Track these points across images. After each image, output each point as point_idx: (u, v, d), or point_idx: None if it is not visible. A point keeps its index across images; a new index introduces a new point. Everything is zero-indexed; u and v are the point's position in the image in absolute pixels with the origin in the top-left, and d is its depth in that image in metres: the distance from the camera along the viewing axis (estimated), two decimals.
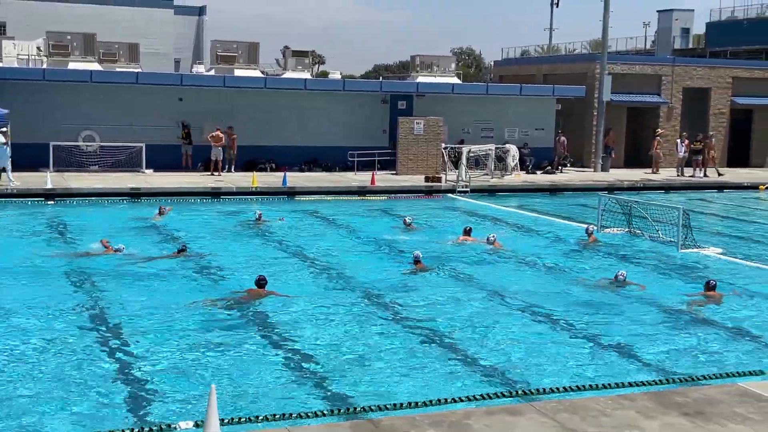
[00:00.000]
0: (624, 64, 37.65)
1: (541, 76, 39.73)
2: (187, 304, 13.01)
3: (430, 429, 7.35)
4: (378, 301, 13.67)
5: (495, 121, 34.74)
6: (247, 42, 34.71)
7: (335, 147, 31.97)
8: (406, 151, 30.87)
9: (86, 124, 29.28)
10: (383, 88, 33.90)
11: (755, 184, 32.47)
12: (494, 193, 28.78)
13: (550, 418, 7.70)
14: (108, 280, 14.66)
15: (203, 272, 15.59)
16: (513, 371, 10.37)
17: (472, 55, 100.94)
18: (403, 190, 28.01)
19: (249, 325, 12.23)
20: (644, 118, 37.76)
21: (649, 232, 20.25)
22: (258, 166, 30.56)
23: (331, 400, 9.28)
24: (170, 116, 30.22)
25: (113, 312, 12.66)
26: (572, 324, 12.59)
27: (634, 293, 14.56)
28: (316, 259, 17.03)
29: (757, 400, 8.32)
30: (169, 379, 9.80)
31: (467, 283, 15.20)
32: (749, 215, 26.12)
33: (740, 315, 13.31)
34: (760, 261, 18.04)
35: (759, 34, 58.67)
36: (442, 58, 37.64)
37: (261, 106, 31.53)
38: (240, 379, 9.82)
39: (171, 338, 11.36)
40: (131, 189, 25.24)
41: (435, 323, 12.41)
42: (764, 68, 40.41)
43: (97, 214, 22.42)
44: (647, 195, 28.05)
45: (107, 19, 44.19)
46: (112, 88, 29.77)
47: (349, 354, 10.94)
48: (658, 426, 7.59)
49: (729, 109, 38.55)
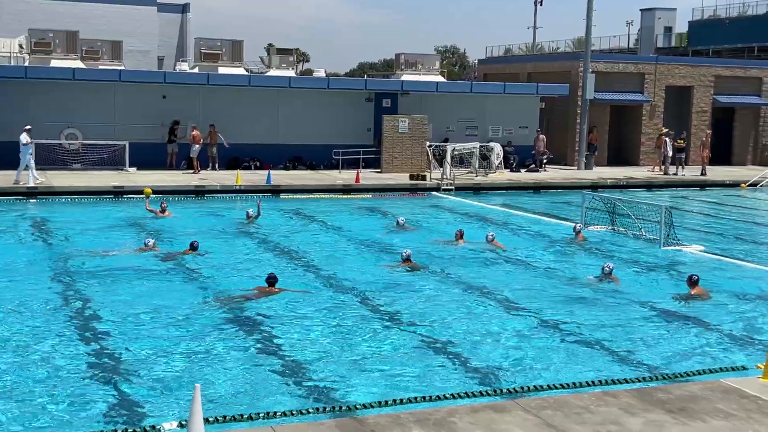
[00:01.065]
0: (607, 63, 37.83)
1: (525, 74, 39.85)
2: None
3: (414, 427, 7.35)
4: (364, 300, 13.68)
5: (479, 120, 34.81)
6: (231, 40, 34.63)
7: (320, 145, 31.94)
8: (390, 150, 30.88)
9: (69, 122, 29.11)
10: (368, 86, 33.89)
11: (737, 182, 32.70)
12: (479, 191, 28.85)
13: (535, 415, 7.73)
14: (95, 278, 14.60)
15: (193, 271, 15.54)
16: (498, 369, 10.39)
17: (457, 54, 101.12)
18: (387, 188, 28.02)
19: (233, 323, 12.20)
20: (627, 117, 37.93)
21: (632, 230, 20.35)
22: (242, 164, 30.50)
23: (316, 398, 9.27)
24: (154, 114, 30.09)
25: (95, 311, 12.60)
26: (556, 321, 12.64)
27: (616, 291, 14.62)
28: (303, 258, 17.02)
29: (740, 396, 8.38)
30: (152, 378, 9.76)
31: (453, 281, 15.23)
32: (731, 213, 26.29)
33: (722, 311, 13.39)
34: (741, 258, 18.17)
35: (741, 32, 59.03)
36: (426, 57, 37.69)
37: (245, 104, 31.45)
38: (224, 378, 9.79)
39: (154, 338, 11.32)
40: (114, 187, 25.13)
41: (420, 321, 12.42)
42: (746, 67, 40.70)
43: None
44: (630, 193, 28.19)
45: (90, 17, 43.91)
46: (94, 86, 29.61)
47: (334, 352, 10.93)
48: (641, 423, 7.63)
49: (711, 107, 38.80)
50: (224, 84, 31.08)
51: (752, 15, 61.67)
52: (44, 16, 41.09)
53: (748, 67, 40.58)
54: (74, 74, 29.16)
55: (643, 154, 37.70)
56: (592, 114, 35.34)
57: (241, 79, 31.75)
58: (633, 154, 37.93)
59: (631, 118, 37.89)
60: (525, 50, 76.09)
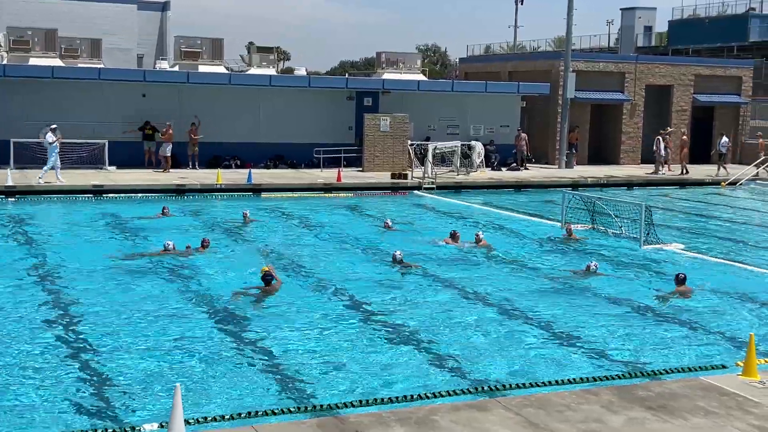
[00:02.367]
0: (588, 62, 37.97)
1: (506, 73, 39.94)
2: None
3: (396, 425, 7.34)
4: (345, 299, 13.65)
5: (460, 118, 34.86)
6: (211, 38, 34.49)
7: (301, 144, 31.87)
8: (372, 148, 30.85)
9: (48, 120, 28.82)
10: (349, 84, 33.83)
11: (717, 181, 32.91)
12: (460, 190, 28.88)
13: (516, 413, 7.74)
14: (80, 279, 14.50)
15: (182, 271, 15.46)
16: (479, 367, 10.39)
17: (438, 52, 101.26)
18: (369, 187, 27.99)
19: (214, 323, 12.14)
20: (607, 116, 38.09)
21: (612, 229, 20.43)
22: (222, 162, 30.37)
23: (298, 397, 9.24)
24: (133, 113, 29.90)
25: (76, 311, 12.51)
26: (537, 320, 12.67)
27: (597, 289, 14.68)
28: (286, 257, 16.97)
29: (720, 393, 8.43)
30: (133, 379, 9.70)
31: (436, 281, 15.22)
32: (711, 211, 26.46)
33: (702, 310, 13.46)
34: (721, 256, 18.28)
35: (720, 32, 59.49)
36: (407, 55, 37.70)
37: (225, 102, 31.31)
38: (205, 379, 9.74)
39: (135, 338, 11.24)
40: (94, 186, 24.95)
41: (402, 320, 12.41)
42: (725, 66, 40.98)
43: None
44: (610, 191, 28.31)
45: (69, 15, 43.58)
46: (74, 85, 29.39)
47: (316, 351, 10.90)
48: (622, 420, 7.66)
49: (691, 106, 39.04)
50: (204, 82, 30.93)
51: (731, 14, 62.19)
52: (23, 14, 40.73)
53: (728, 67, 40.87)
54: (53, 73, 28.93)
55: (623, 153, 37.87)
56: (573, 113, 35.46)
57: (221, 78, 31.62)
58: (613, 153, 38.10)
59: (612, 117, 38.06)
60: (506, 49, 76.31)
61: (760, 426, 7.61)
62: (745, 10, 61.17)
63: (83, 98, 29.54)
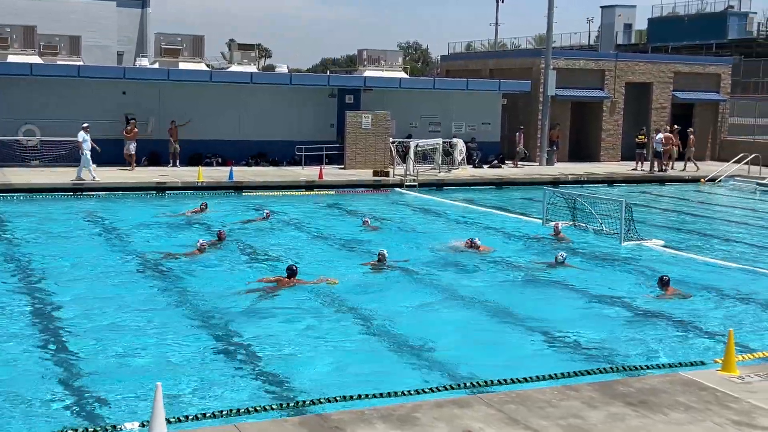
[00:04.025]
0: (568, 60, 38.08)
1: (488, 70, 40.00)
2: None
3: (378, 422, 7.36)
4: (328, 297, 13.63)
5: (442, 116, 34.88)
6: (192, 35, 34.29)
7: (282, 141, 31.79)
8: (354, 146, 30.83)
9: (26, 118, 28.62)
10: (330, 82, 33.76)
11: (696, 177, 33.12)
12: (442, 187, 28.92)
13: (498, 409, 7.77)
14: (60, 278, 14.41)
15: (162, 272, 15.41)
16: (461, 364, 10.42)
17: (419, 50, 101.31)
18: (351, 184, 27.97)
19: (195, 321, 12.11)
20: (588, 113, 38.24)
21: (592, 225, 20.53)
22: (204, 160, 30.23)
23: (280, 395, 9.23)
24: (113, 110, 29.70)
25: (56, 309, 12.45)
26: (518, 316, 12.72)
27: (578, 286, 14.75)
28: (264, 255, 16.95)
29: (699, 389, 8.50)
30: (113, 377, 9.65)
31: (419, 278, 15.25)
32: (690, 208, 26.64)
33: (681, 306, 13.56)
34: (699, 253, 18.41)
35: (699, 30, 59.90)
36: (389, 53, 37.62)
37: (206, 100, 31.17)
38: (187, 377, 9.71)
39: (115, 336, 11.20)
40: (74, 184, 24.80)
41: (384, 317, 12.43)
42: (704, 64, 41.22)
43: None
44: (591, 188, 28.43)
45: (48, 11, 43.22)
46: (53, 82, 29.16)
47: (298, 349, 10.90)
48: (602, 416, 7.70)
49: (670, 103, 39.25)
50: (185, 80, 30.78)
51: (710, 12, 62.64)
52: (1, 11, 40.38)
53: (707, 64, 41.10)
54: (32, 70, 28.69)
55: (604, 150, 38.03)
56: (554, 110, 35.57)
57: (202, 75, 31.48)
58: (593, 150, 38.24)
59: (592, 115, 38.20)
60: (487, 47, 76.49)
61: (739, 421, 7.69)
62: (723, 8, 61.62)
63: (63, 96, 29.32)
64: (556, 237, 19.35)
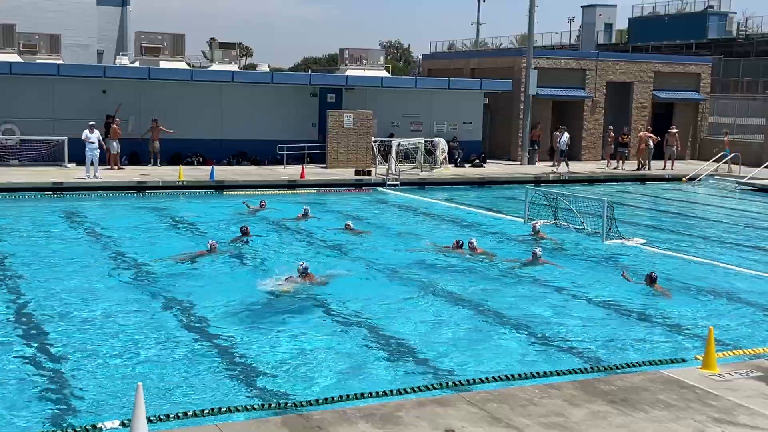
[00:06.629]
0: (549, 59, 38.20)
1: (469, 70, 40.05)
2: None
3: (361, 422, 7.35)
4: (310, 296, 13.60)
5: (424, 115, 34.90)
6: (173, 33, 34.12)
7: (264, 140, 31.69)
8: (335, 145, 30.79)
9: (6, 117, 28.38)
10: (312, 81, 33.68)
11: (677, 176, 33.33)
12: (424, 186, 28.94)
13: (480, 408, 7.78)
14: (38, 274, 14.31)
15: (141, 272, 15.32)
16: (443, 363, 10.43)
17: (401, 49, 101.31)
18: (333, 183, 27.95)
19: (176, 321, 12.05)
20: (569, 112, 38.36)
21: (574, 224, 20.60)
22: (185, 159, 30.09)
23: (262, 395, 9.20)
24: (94, 109, 29.49)
25: (34, 307, 12.35)
26: (500, 315, 12.74)
27: (560, 284, 14.80)
28: (251, 252, 16.90)
29: (680, 386, 8.54)
30: (94, 376, 9.59)
31: (401, 278, 15.25)
32: (671, 207, 26.80)
33: (663, 304, 13.63)
34: (680, 251, 18.52)
35: (679, 29, 60.30)
36: (370, 52, 37.61)
37: (187, 98, 31.04)
38: (168, 377, 9.66)
39: (96, 335, 11.12)
40: (54, 183, 24.63)
41: (367, 317, 12.42)
42: (684, 63, 41.47)
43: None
44: (572, 187, 28.54)
45: (27, 9, 42.94)
46: (32, 80, 28.93)
47: (280, 348, 10.87)
48: (584, 414, 7.73)
49: (651, 102, 39.46)
50: (166, 78, 30.62)
51: (690, 12, 63.05)
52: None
53: (687, 64, 41.36)
54: (11, 68, 28.46)
55: (585, 149, 38.19)
56: (535, 109, 35.68)
57: (182, 74, 31.33)
58: (574, 149, 38.37)
59: (573, 114, 38.33)
60: (469, 46, 76.60)
61: (720, 418, 7.73)
62: (703, 8, 62.04)
63: (42, 94, 29.11)
64: (535, 236, 19.37)
